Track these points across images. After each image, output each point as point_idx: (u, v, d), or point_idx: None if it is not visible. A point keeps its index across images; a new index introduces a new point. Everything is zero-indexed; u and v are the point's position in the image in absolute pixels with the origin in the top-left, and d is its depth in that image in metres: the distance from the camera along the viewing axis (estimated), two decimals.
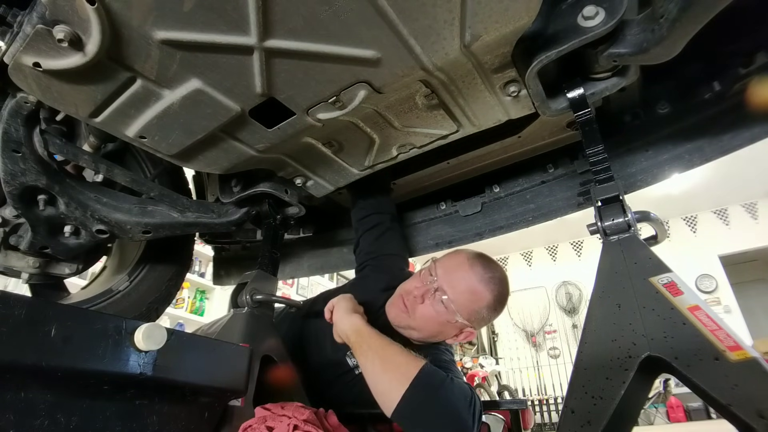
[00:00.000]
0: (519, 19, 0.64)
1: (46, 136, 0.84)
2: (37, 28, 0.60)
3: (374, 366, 0.89)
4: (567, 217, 1.26)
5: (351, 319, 1.01)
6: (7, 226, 0.96)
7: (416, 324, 1.08)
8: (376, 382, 0.88)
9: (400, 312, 1.10)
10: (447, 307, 1.02)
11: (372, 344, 0.93)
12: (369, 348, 0.93)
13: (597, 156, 0.82)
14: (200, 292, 4.80)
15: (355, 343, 0.96)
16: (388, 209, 1.42)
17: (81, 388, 0.56)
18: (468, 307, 1.02)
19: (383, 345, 0.93)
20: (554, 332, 6.79)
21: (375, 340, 0.94)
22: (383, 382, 0.87)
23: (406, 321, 1.09)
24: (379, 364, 0.89)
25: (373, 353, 0.91)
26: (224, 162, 0.95)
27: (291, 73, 0.73)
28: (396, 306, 1.12)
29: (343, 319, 1.02)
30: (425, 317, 1.05)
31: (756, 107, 0.92)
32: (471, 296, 1.01)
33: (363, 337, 0.96)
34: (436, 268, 1.07)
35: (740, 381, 0.54)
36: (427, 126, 0.94)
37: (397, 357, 0.90)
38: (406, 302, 1.09)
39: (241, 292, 1.04)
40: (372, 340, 0.94)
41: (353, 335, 0.97)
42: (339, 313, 1.04)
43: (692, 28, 0.65)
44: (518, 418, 1.31)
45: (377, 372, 0.89)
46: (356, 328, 0.98)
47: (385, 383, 0.87)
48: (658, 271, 0.68)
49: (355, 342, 0.96)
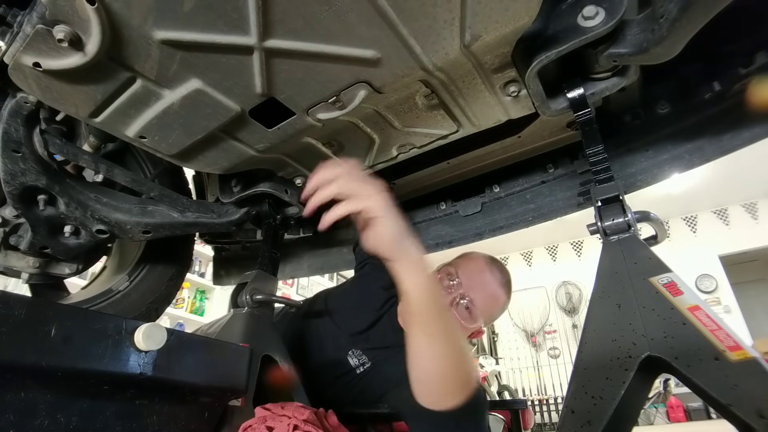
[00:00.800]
0: (519, 19, 0.64)
1: (46, 136, 0.84)
2: (37, 28, 0.60)
3: (443, 348, 0.71)
4: (567, 217, 1.26)
5: (418, 259, 0.70)
6: (7, 226, 0.96)
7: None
8: (436, 367, 0.73)
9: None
10: (471, 312, 1.02)
11: (444, 324, 0.72)
12: (441, 329, 0.71)
13: (597, 156, 0.82)
14: (200, 292, 4.81)
15: (419, 312, 0.70)
16: None
17: (81, 388, 0.56)
18: (488, 311, 1.02)
19: (454, 331, 0.74)
20: (554, 332, 6.79)
21: (446, 318, 0.74)
22: (444, 375, 0.73)
23: None
24: (450, 354, 0.72)
25: (445, 337, 0.72)
26: (224, 162, 0.95)
27: (291, 73, 0.73)
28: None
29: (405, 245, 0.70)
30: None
31: (756, 107, 0.92)
32: (493, 300, 1.02)
33: (435, 309, 0.71)
34: (458, 273, 1.06)
35: (740, 381, 0.54)
36: (427, 126, 0.94)
37: (465, 354, 0.76)
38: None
39: (241, 292, 1.04)
40: (445, 318, 0.73)
41: (423, 290, 0.70)
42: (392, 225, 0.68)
43: (692, 28, 0.65)
44: (518, 418, 1.31)
45: (442, 358, 0.72)
46: (428, 281, 0.71)
47: (444, 377, 0.74)
48: (658, 271, 0.68)
49: (420, 310, 0.70)
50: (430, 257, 1.20)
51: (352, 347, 1.14)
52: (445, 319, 0.73)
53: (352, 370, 1.11)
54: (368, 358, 1.12)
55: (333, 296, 1.33)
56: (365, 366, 1.11)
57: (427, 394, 0.76)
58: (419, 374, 0.75)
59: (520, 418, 1.32)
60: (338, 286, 1.41)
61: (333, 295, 1.34)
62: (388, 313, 1.19)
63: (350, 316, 1.21)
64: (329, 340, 1.19)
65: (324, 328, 1.22)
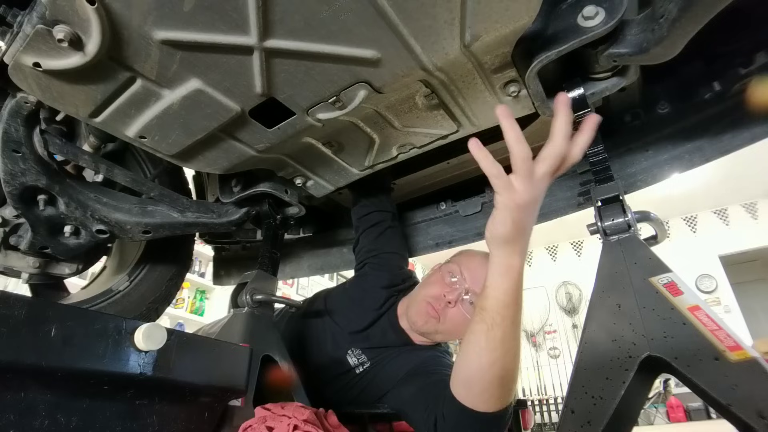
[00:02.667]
0: (519, 19, 0.64)
1: (46, 136, 0.84)
2: (37, 28, 0.60)
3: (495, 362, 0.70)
4: (567, 217, 1.26)
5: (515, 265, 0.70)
6: (7, 226, 0.96)
7: (444, 328, 1.06)
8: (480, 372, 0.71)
9: (429, 318, 1.06)
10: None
11: (516, 327, 0.71)
12: (507, 335, 0.70)
13: (597, 156, 0.82)
14: (200, 292, 4.81)
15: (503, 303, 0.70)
16: (389, 208, 1.41)
17: (81, 388, 0.56)
18: None
19: (518, 338, 0.73)
20: (554, 332, 6.79)
21: (520, 321, 0.72)
22: (493, 377, 0.71)
23: (435, 326, 1.06)
24: (500, 366, 0.71)
25: (510, 341, 0.70)
26: (224, 162, 0.95)
27: (291, 73, 0.73)
28: (425, 313, 1.06)
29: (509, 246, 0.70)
30: (455, 321, 1.03)
31: (756, 107, 0.92)
32: None
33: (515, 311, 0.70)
34: (461, 270, 1.05)
35: (740, 381, 0.54)
36: (427, 126, 0.94)
37: (516, 374, 0.75)
38: (436, 308, 1.05)
39: (241, 292, 1.04)
40: (519, 320, 0.72)
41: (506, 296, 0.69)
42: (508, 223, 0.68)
43: (692, 28, 0.65)
44: (518, 418, 1.31)
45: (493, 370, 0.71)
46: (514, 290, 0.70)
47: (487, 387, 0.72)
48: (658, 271, 0.68)
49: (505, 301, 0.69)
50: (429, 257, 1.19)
51: (352, 346, 1.14)
52: (515, 329, 0.72)
53: (351, 369, 1.11)
54: (367, 357, 1.12)
55: (333, 296, 1.33)
56: (365, 366, 1.11)
57: (472, 391, 0.75)
58: (473, 369, 0.73)
59: (520, 418, 1.32)
60: (338, 286, 1.42)
61: (333, 294, 1.34)
62: (387, 313, 1.19)
63: (350, 316, 1.21)
64: (329, 339, 1.19)
65: (324, 327, 1.22)
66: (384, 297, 1.20)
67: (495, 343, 0.70)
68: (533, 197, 0.67)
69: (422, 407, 0.89)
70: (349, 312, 1.23)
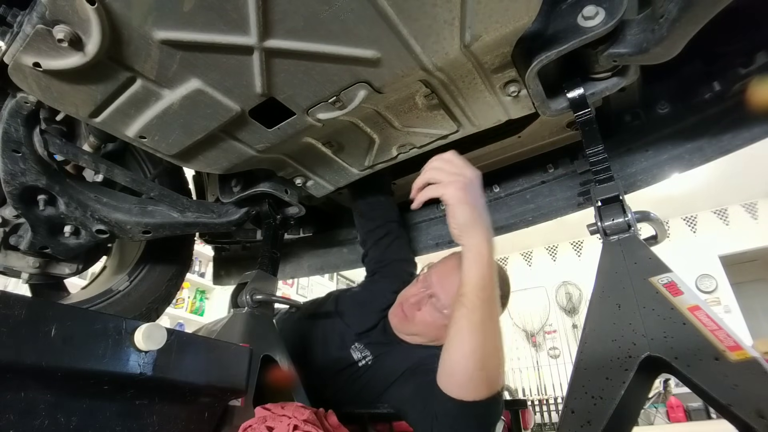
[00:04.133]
0: (519, 19, 0.64)
1: (46, 136, 0.84)
2: (37, 28, 0.60)
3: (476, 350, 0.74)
4: (567, 217, 1.26)
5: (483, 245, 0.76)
6: (7, 226, 0.96)
7: (417, 330, 1.09)
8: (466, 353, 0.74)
9: (400, 320, 1.12)
10: (441, 312, 1.02)
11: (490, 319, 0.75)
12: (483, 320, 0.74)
13: (597, 156, 0.82)
14: (200, 292, 4.81)
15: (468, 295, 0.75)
16: (394, 217, 1.43)
17: (81, 388, 0.56)
18: None
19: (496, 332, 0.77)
20: (554, 332, 6.78)
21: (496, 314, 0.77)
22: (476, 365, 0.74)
23: (408, 328, 1.11)
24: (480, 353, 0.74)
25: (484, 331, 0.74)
26: (224, 162, 0.95)
27: (291, 73, 0.73)
28: (396, 315, 1.13)
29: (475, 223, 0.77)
30: (424, 323, 1.06)
31: (756, 107, 0.92)
32: None
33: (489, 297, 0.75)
34: (431, 274, 1.09)
35: (740, 381, 0.54)
36: (427, 126, 0.94)
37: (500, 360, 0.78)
38: (405, 310, 1.10)
39: (241, 292, 1.04)
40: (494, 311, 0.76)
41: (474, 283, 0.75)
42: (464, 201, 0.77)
43: (692, 28, 0.65)
44: (518, 418, 1.31)
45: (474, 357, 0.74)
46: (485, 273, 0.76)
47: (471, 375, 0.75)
48: (658, 271, 0.68)
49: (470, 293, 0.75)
50: (429, 257, 1.19)
51: (356, 342, 1.17)
52: (493, 311, 0.77)
53: (354, 363, 1.13)
54: (370, 351, 1.14)
55: (343, 297, 1.36)
56: (367, 359, 1.13)
57: (456, 380, 0.77)
58: (454, 357, 0.76)
59: (520, 418, 1.32)
60: (349, 288, 1.45)
61: (343, 296, 1.37)
62: (387, 314, 1.20)
63: (358, 316, 1.23)
64: (336, 336, 1.21)
65: (333, 327, 1.24)
66: (390, 301, 1.22)
67: (475, 325, 0.74)
68: (463, 177, 0.79)
69: (420, 407, 0.89)
70: (357, 313, 1.25)
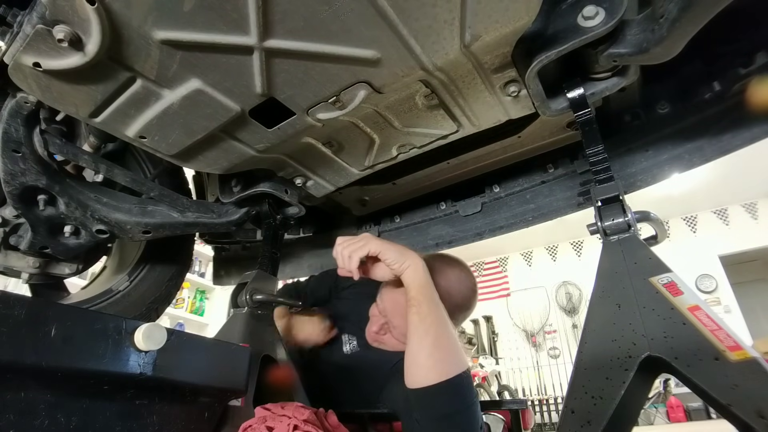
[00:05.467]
0: (519, 19, 0.64)
1: (46, 136, 0.84)
2: (37, 28, 0.60)
3: (428, 335, 0.84)
4: (567, 217, 1.26)
5: (421, 266, 0.91)
6: (7, 226, 0.96)
7: (391, 347, 1.10)
8: (420, 349, 0.84)
9: (373, 341, 1.14)
10: (402, 337, 1.00)
11: (435, 312, 0.87)
12: (430, 313, 0.86)
13: (597, 156, 0.82)
14: (200, 292, 4.81)
15: (415, 298, 0.88)
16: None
17: (81, 388, 0.56)
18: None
19: (444, 320, 0.88)
20: (554, 332, 6.78)
21: (439, 309, 0.88)
22: (428, 356, 0.83)
23: (383, 347, 1.13)
24: (433, 336, 0.84)
25: (433, 321, 0.86)
26: (224, 162, 0.95)
27: (291, 73, 0.73)
28: (369, 336, 1.15)
29: (404, 253, 0.91)
30: (395, 345, 1.09)
31: (756, 107, 0.92)
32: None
33: (428, 297, 0.88)
34: (382, 302, 1.09)
35: (740, 381, 0.54)
36: (427, 126, 0.94)
37: (452, 342, 0.86)
38: (373, 335, 1.13)
39: (241, 292, 1.04)
40: (437, 308, 0.88)
41: (419, 288, 0.89)
42: (394, 246, 0.92)
43: (692, 28, 0.65)
44: (518, 418, 1.31)
45: (428, 342, 0.84)
46: (426, 282, 0.90)
47: (428, 357, 0.83)
48: (658, 271, 0.68)
49: (417, 297, 0.88)
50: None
51: (348, 333, 1.21)
52: (435, 307, 0.88)
53: (340, 347, 1.18)
54: (357, 344, 1.19)
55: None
56: (354, 350, 1.18)
57: (418, 368, 0.84)
58: (412, 349, 0.85)
59: (520, 418, 1.32)
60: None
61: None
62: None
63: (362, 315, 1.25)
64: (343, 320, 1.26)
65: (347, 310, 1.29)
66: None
67: (423, 316, 0.86)
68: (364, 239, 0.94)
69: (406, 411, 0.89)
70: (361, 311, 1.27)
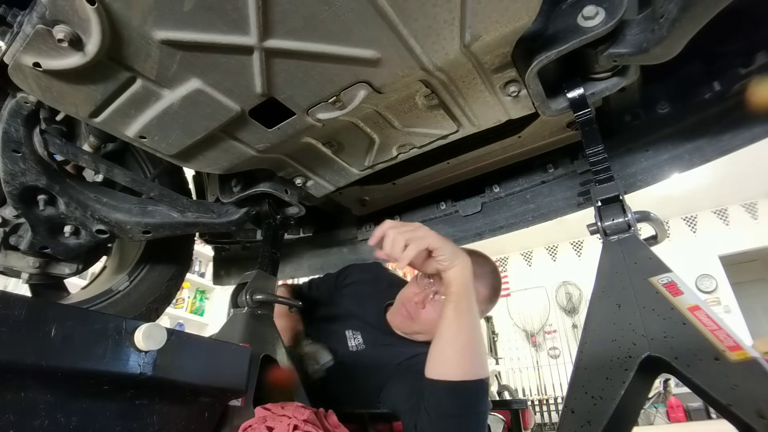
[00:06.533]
0: (519, 19, 0.64)
1: (46, 136, 0.84)
2: (37, 28, 0.60)
3: (460, 332, 0.85)
4: (567, 217, 1.26)
5: (468, 266, 0.90)
6: (7, 226, 0.96)
7: (421, 328, 1.10)
8: (450, 344, 0.85)
9: (404, 319, 1.13)
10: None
11: (470, 313, 0.87)
12: (467, 313, 0.86)
13: (597, 156, 0.82)
14: (200, 292, 4.81)
15: (455, 294, 0.88)
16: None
17: (81, 388, 0.56)
18: None
19: (477, 323, 0.89)
20: (554, 332, 6.78)
21: (475, 311, 0.89)
22: (455, 352, 0.84)
23: (411, 327, 1.12)
24: (465, 335, 0.85)
25: (467, 321, 0.86)
26: (224, 162, 0.95)
27: (291, 73, 0.73)
28: (399, 314, 1.14)
29: (457, 252, 0.91)
30: (429, 321, 1.07)
31: (756, 107, 0.92)
32: None
33: (468, 297, 0.88)
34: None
35: (740, 381, 0.54)
36: (427, 126, 0.94)
37: (480, 346, 0.88)
38: (408, 309, 1.11)
39: (241, 292, 1.04)
40: (472, 309, 0.88)
41: (462, 287, 0.88)
42: (449, 244, 0.91)
43: (692, 28, 0.66)
44: (518, 418, 1.31)
45: (458, 340, 0.85)
46: (468, 282, 0.89)
47: (455, 353, 0.84)
48: (658, 271, 0.68)
49: (457, 294, 0.88)
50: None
51: (352, 329, 1.20)
52: (471, 308, 0.88)
53: (345, 342, 1.17)
54: (362, 340, 1.18)
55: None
56: (359, 346, 1.16)
57: (443, 361, 0.84)
58: (442, 342, 0.86)
59: (520, 418, 1.32)
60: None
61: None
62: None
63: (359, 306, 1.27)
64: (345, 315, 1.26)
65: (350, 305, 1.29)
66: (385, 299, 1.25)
67: (460, 313, 0.86)
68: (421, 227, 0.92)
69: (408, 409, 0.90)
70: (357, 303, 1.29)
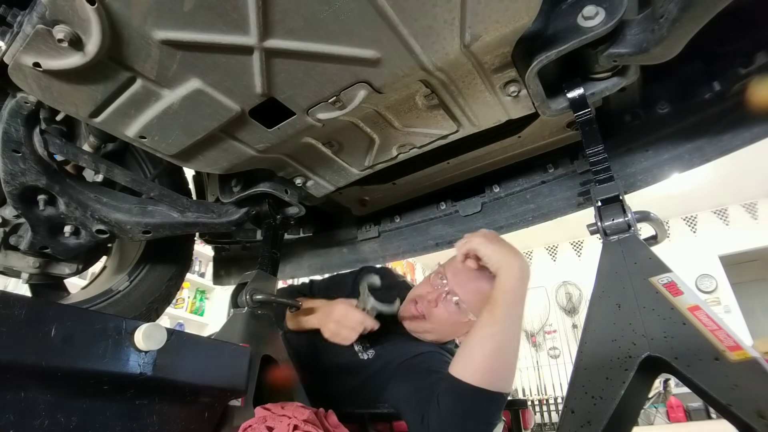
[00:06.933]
0: (519, 19, 0.64)
1: (46, 136, 0.84)
2: (37, 28, 0.60)
3: (493, 338, 0.84)
4: (567, 217, 1.26)
5: (516, 272, 0.89)
6: (7, 226, 0.96)
7: (431, 326, 1.11)
8: (479, 348, 0.84)
9: (414, 316, 1.13)
10: (459, 307, 1.05)
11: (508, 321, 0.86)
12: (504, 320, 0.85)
13: (597, 156, 0.82)
14: (200, 292, 4.81)
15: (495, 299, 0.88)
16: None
17: (81, 388, 0.56)
18: (478, 304, 1.03)
19: (514, 334, 0.88)
20: (554, 332, 6.78)
21: (514, 321, 0.88)
22: (483, 357, 0.83)
23: (422, 326, 1.12)
24: (496, 343, 0.84)
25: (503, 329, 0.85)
26: (224, 162, 0.95)
27: (291, 73, 0.73)
28: (410, 312, 1.14)
29: (506, 259, 0.90)
30: (440, 319, 1.08)
31: (756, 107, 0.92)
32: (479, 294, 1.03)
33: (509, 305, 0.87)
34: (446, 271, 1.10)
35: (740, 381, 0.54)
36: (427, 126, 0.94)
37: (512, 359, 0.87)
38: (420, 307, 1.11)
39: (241, 292, 1.04)
40: (512, 318, 0.87)
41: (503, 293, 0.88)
42: (499, 248, 0.92)
43: (692, 28, 0.65)
44: (518, 418, 1.31)
45: (489, 346, 0.84)
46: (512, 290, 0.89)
47: (483, 359, 0.83)
48: (658, 271, 0.68)
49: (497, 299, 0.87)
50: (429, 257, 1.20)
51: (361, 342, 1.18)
52: (510, 316, 0.87)
53: (356, 354, 1.14)
54: (371, 344, 1.16)
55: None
56: (370, 355, 1.15)
57: (470, 363, 0.84)
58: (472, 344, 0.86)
59: (520, 418, 1.32)
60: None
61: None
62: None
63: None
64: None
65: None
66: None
67: (496, 319, 0.85)
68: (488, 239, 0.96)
69: (414, 405, 0.90)
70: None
